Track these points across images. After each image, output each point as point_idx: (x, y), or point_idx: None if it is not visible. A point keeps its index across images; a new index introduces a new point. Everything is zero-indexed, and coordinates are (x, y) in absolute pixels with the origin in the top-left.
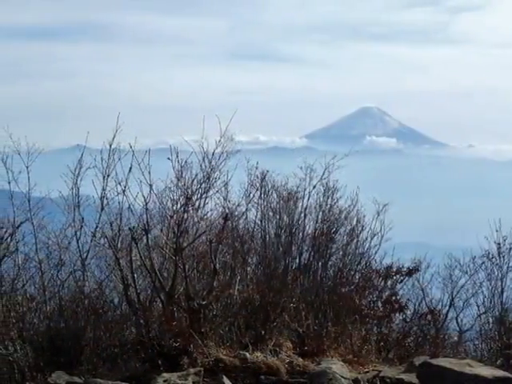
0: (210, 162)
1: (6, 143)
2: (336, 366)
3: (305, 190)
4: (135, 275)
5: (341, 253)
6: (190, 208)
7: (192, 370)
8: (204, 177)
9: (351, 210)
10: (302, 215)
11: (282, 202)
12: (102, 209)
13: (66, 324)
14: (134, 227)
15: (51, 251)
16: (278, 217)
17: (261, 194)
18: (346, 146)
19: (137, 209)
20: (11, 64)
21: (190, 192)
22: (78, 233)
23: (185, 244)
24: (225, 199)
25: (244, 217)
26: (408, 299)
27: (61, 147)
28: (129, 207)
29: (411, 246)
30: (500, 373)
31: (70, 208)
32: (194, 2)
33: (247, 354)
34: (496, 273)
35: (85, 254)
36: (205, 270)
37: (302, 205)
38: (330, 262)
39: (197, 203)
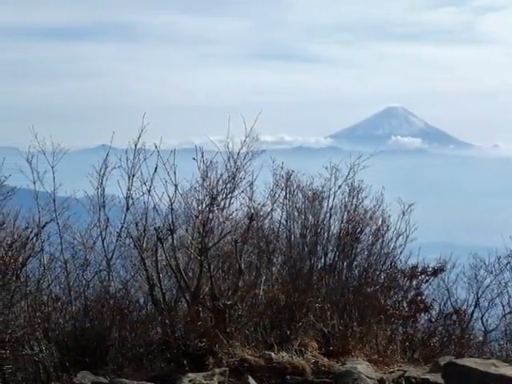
0: (236, 162)
1: (32, 143)
2: (361, 366)
3: (330, 189)
4: (160, 275)
5: (366, 253)
6: (216, 208)
7: (217, 370)
8: (229, 177)
9: (376, 210)
10: (328, 215)
11: (307, 202)
12: (128, 209)
13: (92, 324)
14: (159, 227)
15: (76, 251)
16: (303, 217)
17: (286, 193)
18: (371, 146)
19: (162, 209)
20: (36, 64)
21: (215, 192)
22: (104, 233)
23: (210, 244)
24: (250, 199)
25: (269, 217)
26: (433, 299)
27: (86, 147)
28: (154, 207)
29: (436, 246)
30: None
31: (96, 208)
32: (218, 2)
33: (272, 354)
34: None
35: (110, 254)
36: (230, 269)
37: (328, 205)
38: (355, 262)
39: (222, 203)
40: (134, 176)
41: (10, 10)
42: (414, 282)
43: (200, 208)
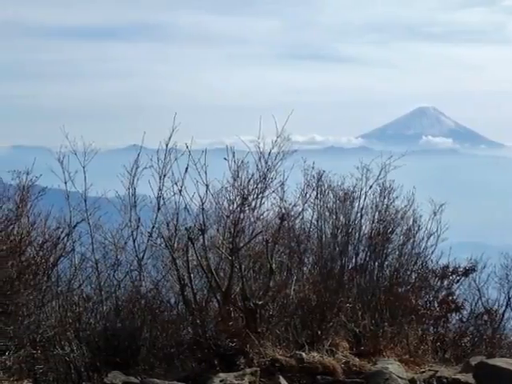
0: (267, 162)
1: (63, 143)
2: (392, 366)
3: (361, 190)
4: (192, 275)
5: (397, 253)
6: (247, 208)
7: (248, 370)
8: (260, 177)
9: (407, 210)
10: (359, 215)
11: (338, 202)
12: (159, 209)
13: (123, 324)
14: (190, 227)
15: (107, 251)
16: (334, 217)
17: (317, 194)
18: (402, 146)
19: (193, 209)
20: (68, 64)
21: (246, 192)
22: (135, 233)
23: (241, 244)
24: (281, 199)
25: (300, 217)
26: (464, 299)
27: (117, 147)
28: (185, 207)
29: (468, 246)
30: None
31: (127, 208)
32: (249, 2)
33: (303, 354)
34: None
35: (141, 254)
36: (261, 269)
37: (359, 205)
38: (386, 262)
39: (253, 203)
40: (165, 176)
41: (42, 11)
42: (445, 282)
43: (231, 208)
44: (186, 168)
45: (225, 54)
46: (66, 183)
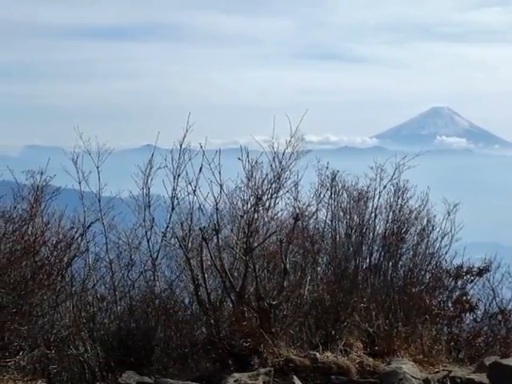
0: (281, 162)
1: (77, 143)
2: (406, 366)
3: (375, 190)
4: (206, 275)
5: (411, 253)
6: (261, 208)
7: (262, 370)
8: (274, 177)
9: (421, 210)
10: (373, 215)
11: (352, 202)
12: (173, 209)
13: (137, 324)
14: (204, 227)
15: (122, 251)
16: (348, 217)
17: (331, 193)
18: (417, 146)
19: (207, 209)
20: (82, 64)
21: (260, 192)
22: (149, 233)
23: (255, 244)
24: (295, 199)
25: (314, 217)
26: (478, 299)
27: (131, 147)
28: (199, 207)
29: (482, 246)
30: None
31: (141, 208)
32: (262, 2)
33: (317, 354)
34: None
35: (155, 254)
36: (275, 269)
37: (373, 205)
38: (400, 262)
39: (267, 203)
40: (179, 176)
41: (57, 10)
42: (459, 282)
43: (245, 208)
44: (200, 168)
45: (239, 54)
46: (79, 183)
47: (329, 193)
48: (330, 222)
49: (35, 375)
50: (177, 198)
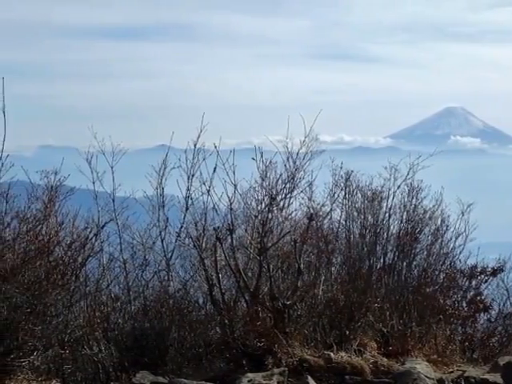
0: (295, 162)
1: (91, 143)
2: (420, 366)
3: (389, 190)
4: (220, 275)
5: (425, 253)
6: (275, 208)
7: (276, 370)
8: (288, 177)
9: (436, 210)
10: (387, 215)
11: (366, 202)
12: (187, 209)
13: (151, 324)
14: (218, 227)
15: (136, 251)
16: (362, 217)
17: (345, 193)
18: (431, 146)
19: (221, 209)
20: (96, 64)
21: (274, 192)
22: (163, 233)
23: (269, 244)
24: (309, 199)
25: (328, 217)
26: (492, 299)
27: (145, 147)
28: (213, 207)
29: (496, 246)
30: None
31: (155, 208)
32: (278, 3)
33: (332, 354)
34: None
35: (169, 254)
36: (289, 269)
37: (387, 205)
38: (414, 262)
39: (281, 203)
40: (193, 176)
41: (71, 10)
42: (474, 282)
43: (259, 208)
44: (215, 168)
45: (253, 54)
46: (94, 183)
47: (343, 193)
48: (344, 222)
49: (49, 375)
50: (191, 198)
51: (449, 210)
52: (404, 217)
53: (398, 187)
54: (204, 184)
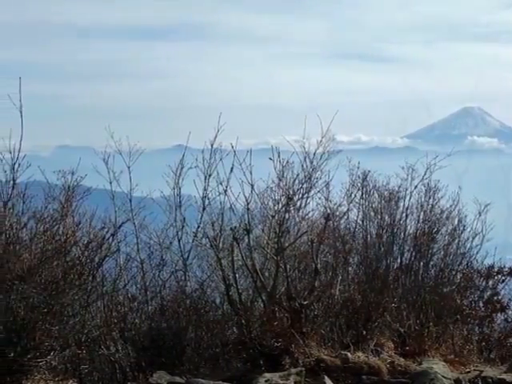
0: (312, 162)
1: (108, 143)
2: (437, 366)
3: (406, 189)
4: (237, 275)
5: (442, 253)
6: (292, 208)
7: (293, 370)
8: (305, 177)
9: (452, 210)
10: (404, 215)
11: (383, 201)
12: (204, 209)
13: (168, 324)
14: (235, 227)
15: (153, 251)
16: (379, 217)
17: (362, 193)
18: (448, 146)
19: (238, 209)
20: (112, 64)
21: (291, 192)
22: (180, 233)
23: (286, 244)
24: (326, 199)
25: (345, 217)
26: (510, 299)
27: (162, 147)
28: (230, 207)
29: None
30: None
31: (172, 208)
32: (294, 2)
33: (349, 354)
34: None
35: (186, 254)
36: (306, 269)
37: (404, 205)
38: (431, 262)
39: (298, 203)
40: (210, 176)
41: (84, 11)
42: (491, 282)
43: (276, 208)
44: (231, 168)
45: (271, 54)
46: (111, 183)
47: (360, 193)
48: (361, 222)
49: (66, 375)
50: (208, 198)
51: (466, 210)
52: (421, 217)
53: (415, 187)
54: (221, 184)
